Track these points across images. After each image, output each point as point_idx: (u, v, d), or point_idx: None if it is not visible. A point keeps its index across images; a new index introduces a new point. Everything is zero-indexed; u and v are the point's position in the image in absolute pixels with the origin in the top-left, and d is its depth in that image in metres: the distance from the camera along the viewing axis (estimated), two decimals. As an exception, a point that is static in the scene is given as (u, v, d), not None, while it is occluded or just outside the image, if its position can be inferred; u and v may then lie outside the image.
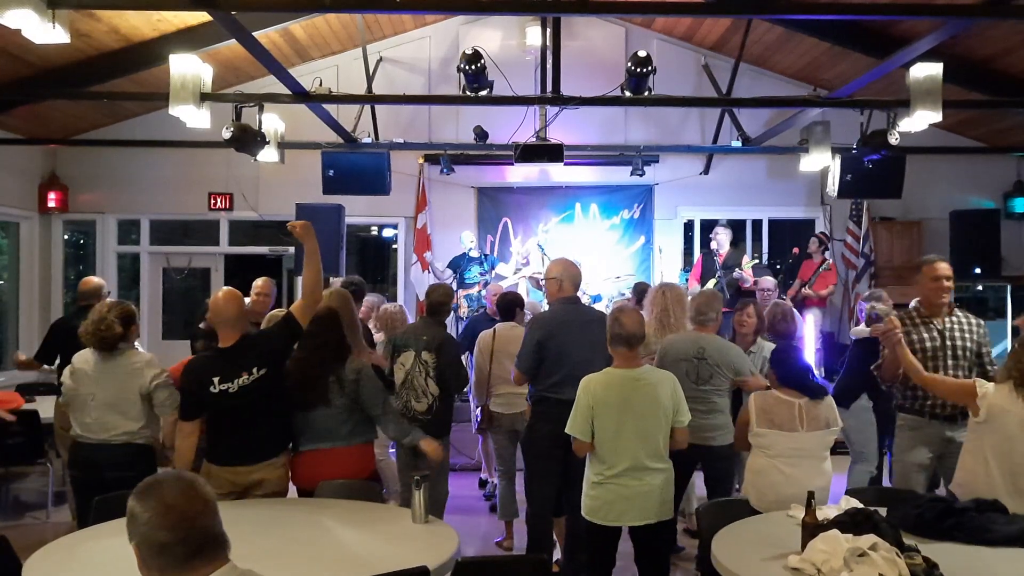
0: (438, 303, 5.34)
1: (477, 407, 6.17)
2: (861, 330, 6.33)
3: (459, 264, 9.21)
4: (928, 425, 4.34)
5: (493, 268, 9.37)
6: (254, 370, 3.90)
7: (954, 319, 4.49)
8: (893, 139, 6.79)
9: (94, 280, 6.39)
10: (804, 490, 3.69)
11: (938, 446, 4.33)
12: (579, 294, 5.13)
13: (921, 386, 4.24)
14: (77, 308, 6.37)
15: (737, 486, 5.07)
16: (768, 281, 7.65)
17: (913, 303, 4.60)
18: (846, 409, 5.33)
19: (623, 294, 8.68)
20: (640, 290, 6.96)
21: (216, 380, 3.87)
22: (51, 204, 9.80)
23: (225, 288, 4.16)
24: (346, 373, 4.16)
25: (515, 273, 9.40)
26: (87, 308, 6.14)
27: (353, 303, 4.85)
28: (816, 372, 4.74)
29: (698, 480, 5.24)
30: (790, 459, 3.91)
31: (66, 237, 10.33)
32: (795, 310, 6.53)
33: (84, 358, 4.35)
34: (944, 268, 4.48)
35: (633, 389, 3.87)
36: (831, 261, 9.23)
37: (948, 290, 4.49)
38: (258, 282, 6.21)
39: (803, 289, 8.99)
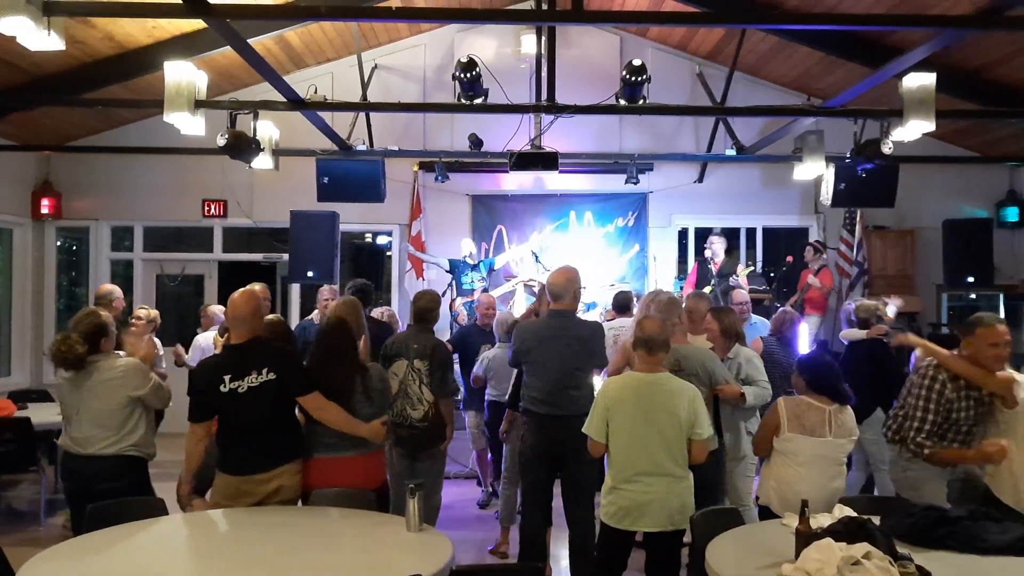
0: (425, 309, 5.32)
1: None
2: (853, 333, 6.35)
3: (456, 267, 9.21)
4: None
5: (490, 269, 9.36)
6: (264, 371, 3.89)
7: None
8: (886, 148, 6.82)
9: (105, 287, 6.46)
10: (827, 493, 3.82)
11: (946, 476, 4.19)
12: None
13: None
14: None
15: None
16: (741, 294, 7.55)
17: (942, 376, 4.06)
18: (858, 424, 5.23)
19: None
20: (619, 299, 6.93)
21: (227, 379, 3.85)
22: (44, 211, 9.79)
23: (244, 288, 4.14)
24: (373, 383, 4.21)
25: (509, 280, 9.41)
26: None
27: (362, 310, 4.86)
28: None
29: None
30: (815, 465, 3.95)
31: (59, 244, 10.31)
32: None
33: (64, 372, 4.33)
34: (1004, 332, 3.97)
35: (649, 394, 3.89)
36: (824, 260, 9.21)
37: (1006, 358, 3.99)
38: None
39: (810, 279, 8.94)
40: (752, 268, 9.14)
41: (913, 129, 6.33)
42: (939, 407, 4.01)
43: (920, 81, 6.22)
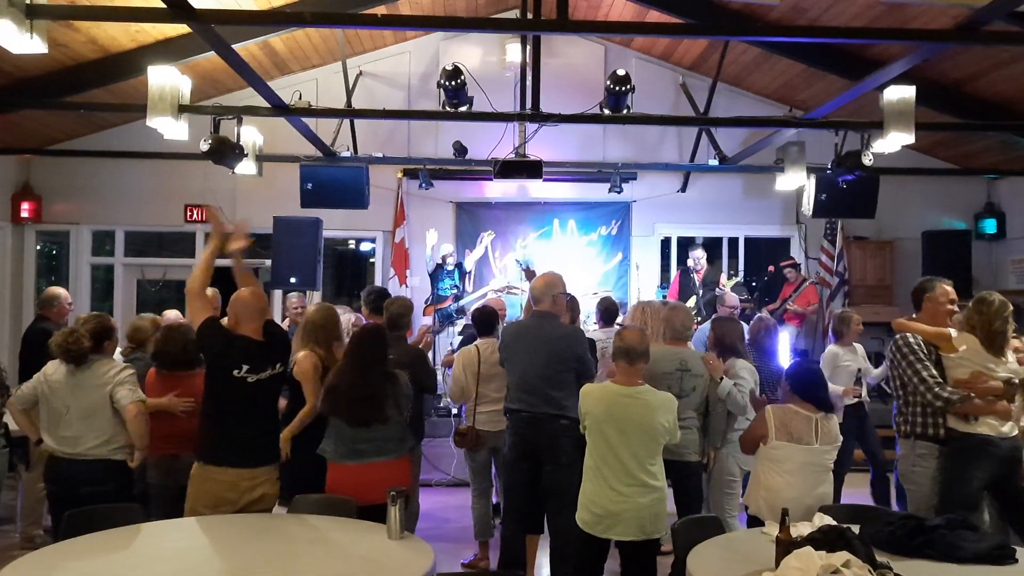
0: (397, 315, 5.35)
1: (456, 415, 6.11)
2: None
3: (436, 274, 9.20)
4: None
5: (464, 276, 9.36)
6: (277, 366, 4.04)
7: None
8: (867, 160, 6.90)
9: (51, 290, 6.54)
10: (814, 499, 3.89)
11: None
12: None
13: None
14: (36, 317, 6.66)
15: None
16: (732, 298, 7.65)
17: (912, 337, 4.38)
18: None
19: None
20: (605, 306, 6.92)
21: (245, 367, 3.92)
22: (24, 214, 9.70)
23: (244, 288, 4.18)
24: (402, 390, 4.26)
25: (487, 286, 9.41)
26: (42, 318, 6.20)
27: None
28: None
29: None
30: (802, 472, 3.99)
31: (39, 248, 10.21)
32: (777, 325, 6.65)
33: (56, 368, 4.32)
34: (951, 289, 4.51)
35: (626, 407, 3.90)
36: (813, 279, 9.33)
37: (956, 311, 4.51)
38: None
39: (787, 304, 9.04)
40: (737, 278, 9.18)
41: (893, 141, 6.41)
42: (928, 359, 4.28)
43: (900, 94, 6.30)
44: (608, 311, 6.75)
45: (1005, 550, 3.23)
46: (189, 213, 9.98)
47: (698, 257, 9.08)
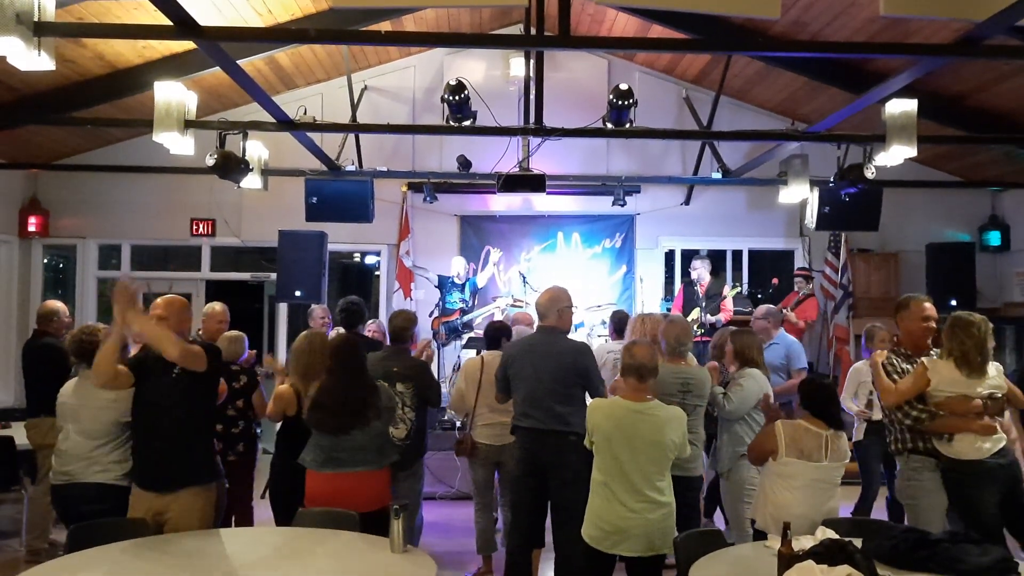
0: (401, 328, 5.40)
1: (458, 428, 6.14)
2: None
3: (443, 285, 9.23)
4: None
5: (475, 293, 9.37)
6: None
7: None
8: (869, 173, 6.91)
9: (49, 304, 6.39)
10: (823, 515, 3.88)
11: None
12: None
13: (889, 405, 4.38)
14: (33, 332, 6.43)
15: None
16: (762, 309, 7.59)
17: (883, 360, 4.49)
18: None
19: (604, 323, 8.64)
20: (618, 319, 6.96)
21: None
22: (31, 228, 9.77)
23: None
24: (383, 400, 4.31)
25: (494, 301, 9.43)
26: (41, 332, 6.14)
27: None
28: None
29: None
30: (811, 488, 3.97)
31: (46, 261, 10.28)
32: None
33: (67, 389, 4.35)
34: (931, 307, 4.55)
35: (635, 422, 3.90)
36: (811, 289, 9.32)
37: (934, 331, 4.54)
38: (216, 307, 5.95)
39: (784, 311, 9.02)
40: (738, 289, 9.18)
41: (895, 154, 6.42)
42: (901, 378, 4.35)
43: (902, 107, 6.32)
44: (621, 323, 6.80)
45: (1008, 563, 3.21)
46: (195, 227, 10.05)
47: (697, 267, 9.08)
